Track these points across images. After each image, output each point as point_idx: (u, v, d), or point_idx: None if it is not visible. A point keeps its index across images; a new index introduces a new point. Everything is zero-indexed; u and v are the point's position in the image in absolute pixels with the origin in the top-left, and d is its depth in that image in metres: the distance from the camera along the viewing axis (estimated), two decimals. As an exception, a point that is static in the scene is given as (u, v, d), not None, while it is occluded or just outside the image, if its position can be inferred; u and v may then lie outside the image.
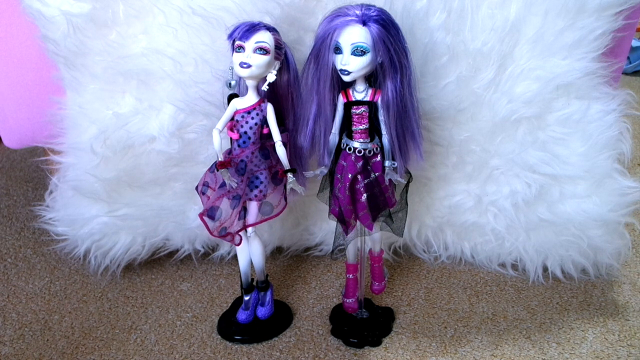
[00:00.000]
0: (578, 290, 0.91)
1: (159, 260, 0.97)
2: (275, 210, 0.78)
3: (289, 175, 0.72)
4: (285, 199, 0.78)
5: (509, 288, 0.92)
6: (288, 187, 0.72)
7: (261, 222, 0.77)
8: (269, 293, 0.83)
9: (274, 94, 0.73)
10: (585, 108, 0.80)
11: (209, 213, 0.72)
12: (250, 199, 0.75)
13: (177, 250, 0.96)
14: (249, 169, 0.72)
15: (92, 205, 0.89)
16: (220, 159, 0.71)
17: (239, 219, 0.75)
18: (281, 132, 0.72)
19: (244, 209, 0.76)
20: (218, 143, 0.70)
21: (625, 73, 1.99)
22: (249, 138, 0.71)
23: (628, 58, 1.93)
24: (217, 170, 0.70)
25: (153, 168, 0.84)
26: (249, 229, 0.78)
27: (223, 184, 0.72)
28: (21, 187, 1.25)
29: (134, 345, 0.80)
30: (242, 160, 0.72)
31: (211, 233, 0.72)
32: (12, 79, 0.89)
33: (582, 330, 0.82)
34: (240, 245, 0.78)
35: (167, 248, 0.95)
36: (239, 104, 0.71)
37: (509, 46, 0.77)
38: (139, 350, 0.79)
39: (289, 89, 0.73)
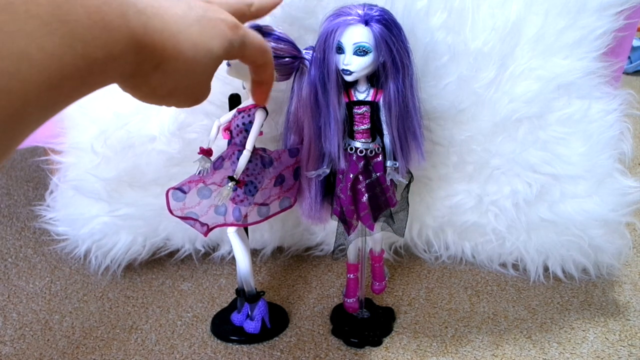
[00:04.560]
0: (579, 290, 0.91)
1: (160, 260, 0.97)
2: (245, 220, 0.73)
3: (230, 183, 0.66)
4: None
5: (509, 288, 0.92)
6: (222, 192, 0.66)
7: (231, 225, 0.73)
8: (256, 308, 0.80)
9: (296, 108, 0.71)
10: (586, 108, 0.80)
11: (179, 189, 0.69)
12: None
13: (178, 250, 0.96)
14: (226, 166, 0.70)
15: (92, 205, 0.89)
16: (208, 147, 0.70)
17: (217, 214, 0.72)
18: (298, 149, 0.71)
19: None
20: (213, 133, 0.71)
21: (626, 73, 1.99)
22: (232, 138, 0.71)
23: (629, 58, 1.93)
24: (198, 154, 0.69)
25: (154, 168, 0.84)
26: (228, 229, 0.76)
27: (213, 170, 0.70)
28: (22, 186, 1.25)
29: (134, 345, 0.80)
30: (220, 157, 0.70)
31: (170, 211, 0.69)
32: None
33: (583, 330, 0.82)
34: (235, 244, 0.77)
35: (168, 248, 0.95)
36: (242, 104, 0.71)
37: (510, 46, 0.77)
38: (139, 350, 0.79)
39: (307, 103, 0.69)
